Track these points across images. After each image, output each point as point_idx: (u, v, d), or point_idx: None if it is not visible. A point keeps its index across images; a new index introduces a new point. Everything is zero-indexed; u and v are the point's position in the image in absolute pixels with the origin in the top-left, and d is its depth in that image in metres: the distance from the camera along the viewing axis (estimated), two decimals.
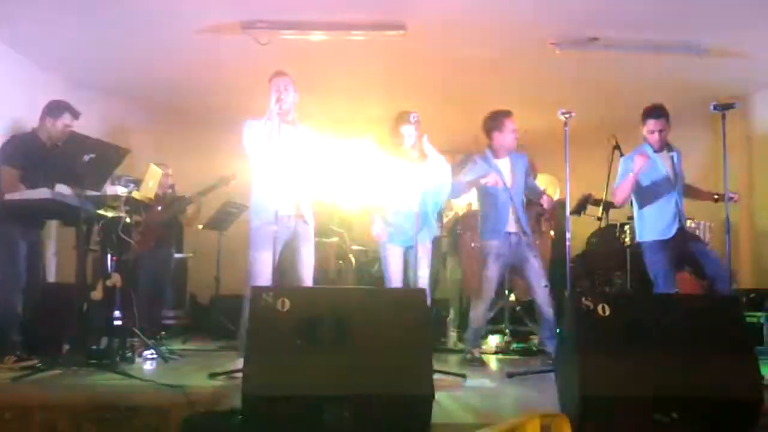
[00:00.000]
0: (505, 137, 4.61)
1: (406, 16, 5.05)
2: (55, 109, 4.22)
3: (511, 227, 4.57)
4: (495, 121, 4.63)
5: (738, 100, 4.37)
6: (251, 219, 3.93)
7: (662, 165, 4.44)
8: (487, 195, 4.64)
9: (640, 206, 4.55)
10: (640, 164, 4.33)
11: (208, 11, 4.97)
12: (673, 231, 4.34)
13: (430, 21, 5.09)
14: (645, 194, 4.49)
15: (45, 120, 4.21)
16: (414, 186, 4.11)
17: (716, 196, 4.57)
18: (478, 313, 4.63)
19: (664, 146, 4.47)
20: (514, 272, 4.93)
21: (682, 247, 4.40)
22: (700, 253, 4.40)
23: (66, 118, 4.20)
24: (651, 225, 4.46)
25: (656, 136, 4.41)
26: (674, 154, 4.50)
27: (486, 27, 5.19)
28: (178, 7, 4.90)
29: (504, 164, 4.65)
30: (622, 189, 4.49)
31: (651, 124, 4.42)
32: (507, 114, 4.63)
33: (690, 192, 4.66)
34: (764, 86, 6.35)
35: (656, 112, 4.41)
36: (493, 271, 4.55)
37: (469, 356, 4.60)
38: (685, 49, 5.45)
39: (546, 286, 4.50)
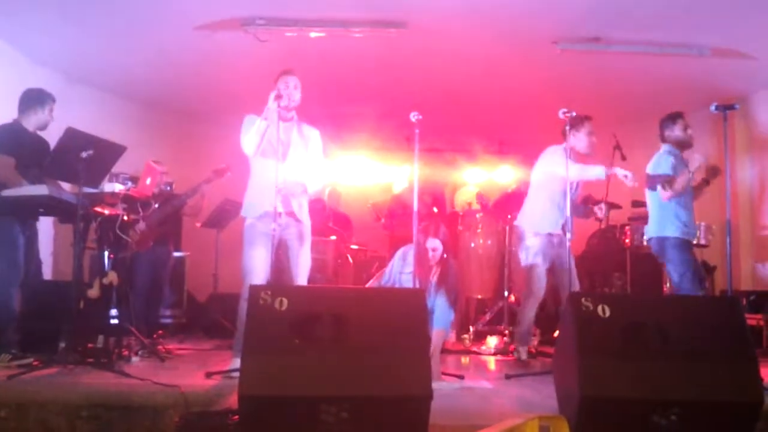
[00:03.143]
0: (578, 141, 4.56)
1: (406, 14, 5.03)
2: (38, 96, 4.22)
3: (557, 229, 4.54)
4: (573, 122, 4.49)
5: (739, 101, 4.36)
6: (245, 215, 3.91)
7: (687, 167, 4.37)
8: (546, 192, 4.57)
9: (669, 201, 4.34)
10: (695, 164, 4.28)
11: (207, 8, 4.95)
12: (696, 233, 4.39)
13: (430, 19, 5.07)
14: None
15: (30, 108, 4.19)
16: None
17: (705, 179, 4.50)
18: (530, 312, 4.61)
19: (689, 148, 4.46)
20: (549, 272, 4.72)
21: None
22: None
23: (50, 104, 4.22)
24: (680, 222, 4.31)
25: (690, 132, 4.41)
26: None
27: (486, 25, 5.18)
28: (176, 3, 4.88)
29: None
30: (681, 184, 4.25)
31: (683, 122, 4.42)
32: (586, 119, 4.59)
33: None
34: (766, 86, 6.34)
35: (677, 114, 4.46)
36: (542, 269, 4.53)
37: (516, 354, 4.65)
38: (687, 50, 5.44)
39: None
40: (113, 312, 4.18)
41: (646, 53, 5.49)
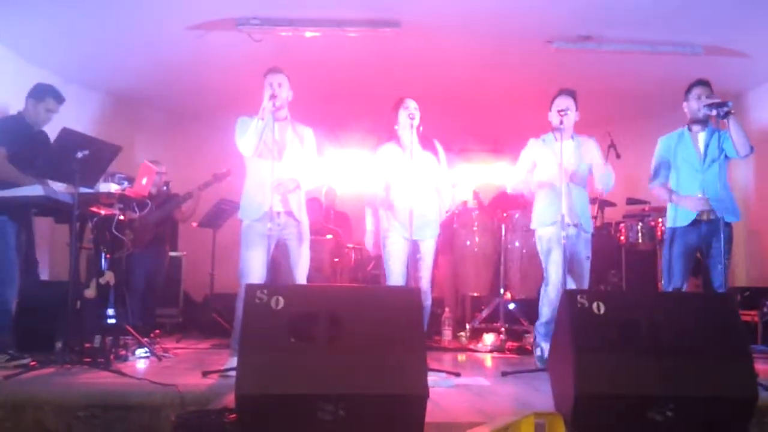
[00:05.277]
0: (551, 116, 4.27)
1: (399, 13, 5.04)
2: (38, 91, 4.20)
3: (566, 217, 3.99)
4: (553, 99, 4.25)
5: (733, 98, 4.32)
6: (242, 217, 3.91)
7: (692, 144, 4.01)
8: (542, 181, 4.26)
9: (674, 188, 4.12)
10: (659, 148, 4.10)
11: (201, 8, 4.95)
12: (690, 219, 3.91)
13: (423, 18, 5.08)
14: (675, 174, 4.10)
15: (27, 102, 4.20)
16: (412, 180, 4.09)
17: None
18: (552, 300, 4.08)
19: (705, 123, 4.00)
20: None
21: (700, 243, 3.95)
22: (710, 260, 3.94)
23: (49, 103, 4.18)
24: (673, 210, 4.07)
25: (702, 102, 3.87)
26: (709, 132, 4.00)
27: (480, 24, 5.19)
28: (171, 3, 4.88)
29: (567, 147, 4.08)
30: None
31: (698, 89, 3.97)
32: (561, 91, 4.31)
33: None
34: (759, 83, 6.36)
35: (702, 81, 3.99)
36: (557, 255, 4.03)
37: (539, 352, 4.23)
38: (680, 48, 5.45)
39: None
40: (110, 312, 4.17)
41: (640, 52, 5.51)
